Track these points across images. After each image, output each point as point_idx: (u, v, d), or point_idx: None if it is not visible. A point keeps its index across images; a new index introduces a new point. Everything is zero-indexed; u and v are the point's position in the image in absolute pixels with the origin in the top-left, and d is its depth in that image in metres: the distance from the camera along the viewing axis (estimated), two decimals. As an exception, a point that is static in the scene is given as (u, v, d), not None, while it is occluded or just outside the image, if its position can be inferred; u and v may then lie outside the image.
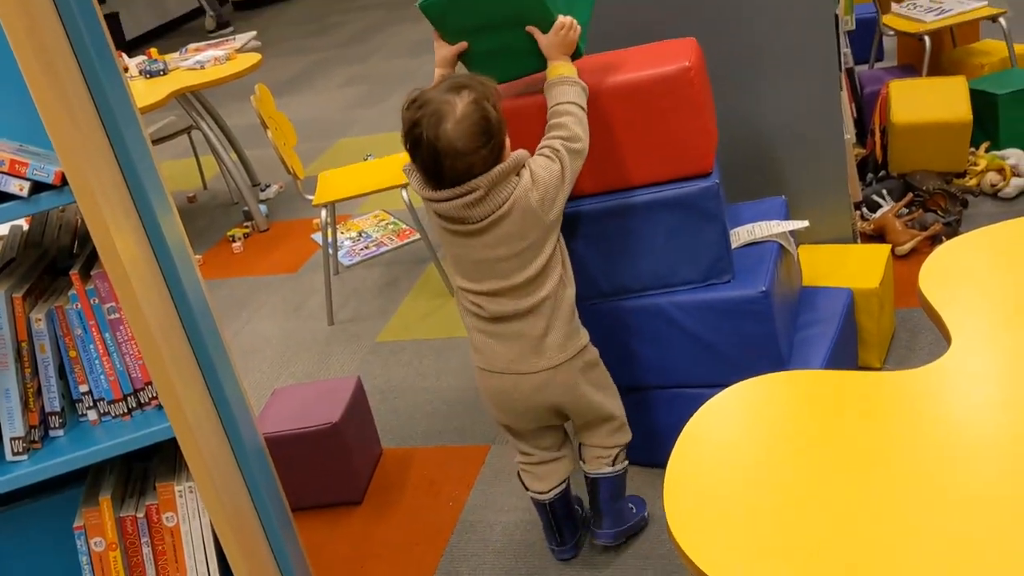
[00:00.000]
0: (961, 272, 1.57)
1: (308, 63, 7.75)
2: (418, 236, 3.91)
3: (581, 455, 2.12)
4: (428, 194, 1.82)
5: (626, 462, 2.12)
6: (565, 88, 1.89)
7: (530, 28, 1.92)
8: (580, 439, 2.11)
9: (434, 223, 1.90)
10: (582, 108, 1.89)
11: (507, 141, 1.82)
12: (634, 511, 2.21)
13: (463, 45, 1.99)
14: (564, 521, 2.15)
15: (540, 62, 1.98)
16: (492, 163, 1.77)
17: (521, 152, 1.82)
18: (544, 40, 1.91)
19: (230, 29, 9.47)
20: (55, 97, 1.37)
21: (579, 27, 1.94)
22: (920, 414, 1.29)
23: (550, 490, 2.11)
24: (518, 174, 1.81)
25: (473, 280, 1.90)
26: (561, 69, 1.91)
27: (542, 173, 1.82)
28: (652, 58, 2.06)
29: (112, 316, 1.51)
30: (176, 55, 4.80)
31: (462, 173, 1.76)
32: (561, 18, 1.90)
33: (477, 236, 1.83)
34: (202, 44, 5.01)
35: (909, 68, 4.01)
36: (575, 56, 1.98)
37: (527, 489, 2.15)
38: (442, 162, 1.75)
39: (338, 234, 4.16)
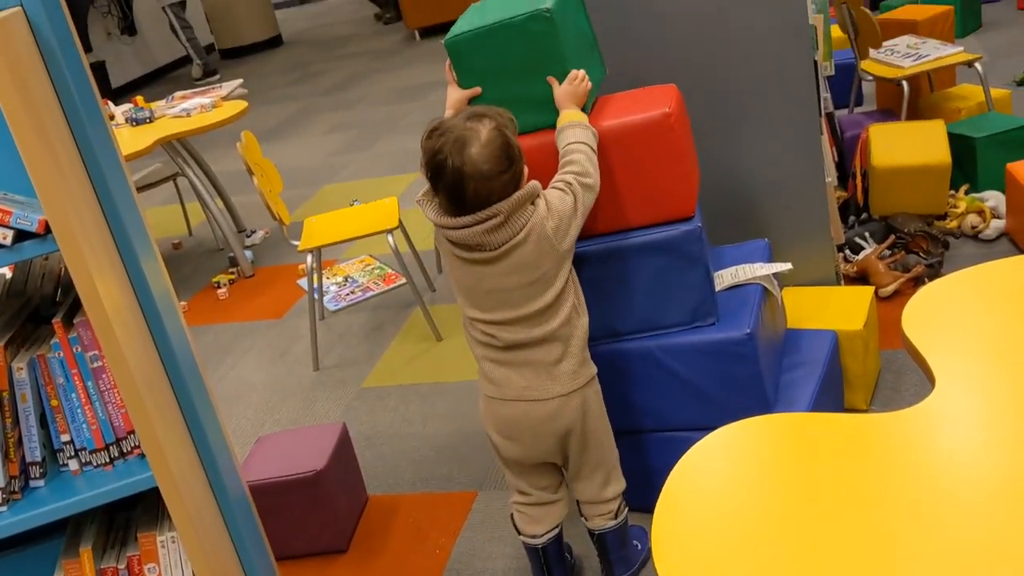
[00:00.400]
0: (943, 314, 1.58)
1: (294, 110, 7.80)
2: (404, 281, 3.92)
3: (582, 512, 2.12)
4: (447, 222, 1.84)
5: (627, 510, 2.12)
6: (576, 130, 1.96)
7: (550, 79, 2.00)
8: (578, 494, 2.10)
9: (448, 253, 1.92)
10: (592, 149, 1.95)
11: (525, 170, 1.86)
12: (639, 548, 2.22)
13: (476, 91, 2.06)
14: (556, 567, 2.14)
15: (553, 116, 2.04)
16: (512, 189, 1.81)
17: (535, 183, 1.87)
18: (559, 90, 2.00)
19: (216, 77, 9.53)
20: (40, 145, 1.37)
21: (590, 82, 2.02)
22: (906, 457, 1.29)
23: (544, 534, 2.10)
24: (533, 203, 1.85)
25: (485, 310, 1.91)
26: (573, 115, 1.98)
27: (557, 203, 1.87)
28: (633, 104, 2.08)
29: (95, 364, 1.51)
30: (162, 103, 4.82)
31: (484, 198, 1.79)
32: (575, 71, 1.99)
33: (493, 264, 1.85)
34: (188, 92, 5.04)
35: (888, 112, 4.07)
36: (599, 81, 2.12)
37: (520, 533, 2.13)
38: (467, 185, 1.78)
39: (324, 279, 4.16)
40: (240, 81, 5.10)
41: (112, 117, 4.66)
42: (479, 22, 2.03)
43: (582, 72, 2.00)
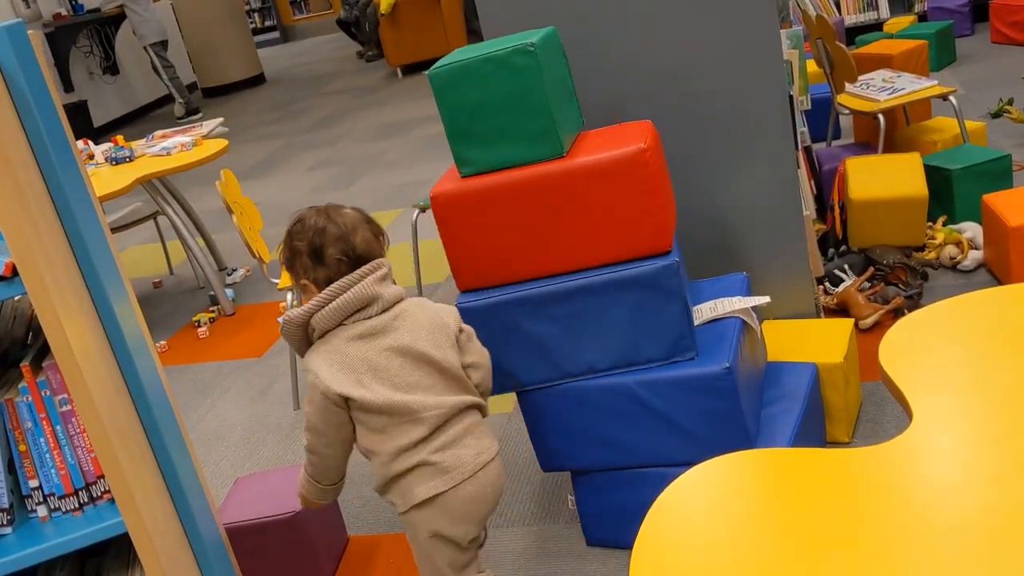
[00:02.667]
0: (920, 346, 1.58)
1: (276, 147, 7.82)
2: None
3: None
4: (349, 296, 1.80)
5: None
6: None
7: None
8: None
9: (347, 352, 1.81)
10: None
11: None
12: None
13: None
14: None
15: (534, 151, 2.06)
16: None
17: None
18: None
19: (199, 115, 9.56)
20: (7, 187, 1.36)
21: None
22: (885, 492, 1.28)
23: None
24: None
25: (410, 391, 1.81)
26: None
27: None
28: (609, 141, 2.09)
29: (64, 408, 1.48)
30: (142, 142, 4.82)
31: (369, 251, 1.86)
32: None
33: (394, 333, 1.82)
34: (168, 131, 5.04)
35: (865, 145, 4.11)
36: (578, 128, 2.19)
37: None
38: (357, 233, 1.87)
39: (305, 317, 4.13)
40: (221, 120, 5.11)
41: (92, 156, 4.65)
42: (463, 57, 2.05)
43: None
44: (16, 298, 1.75)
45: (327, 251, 1.82)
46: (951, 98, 3.84)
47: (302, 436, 1.94)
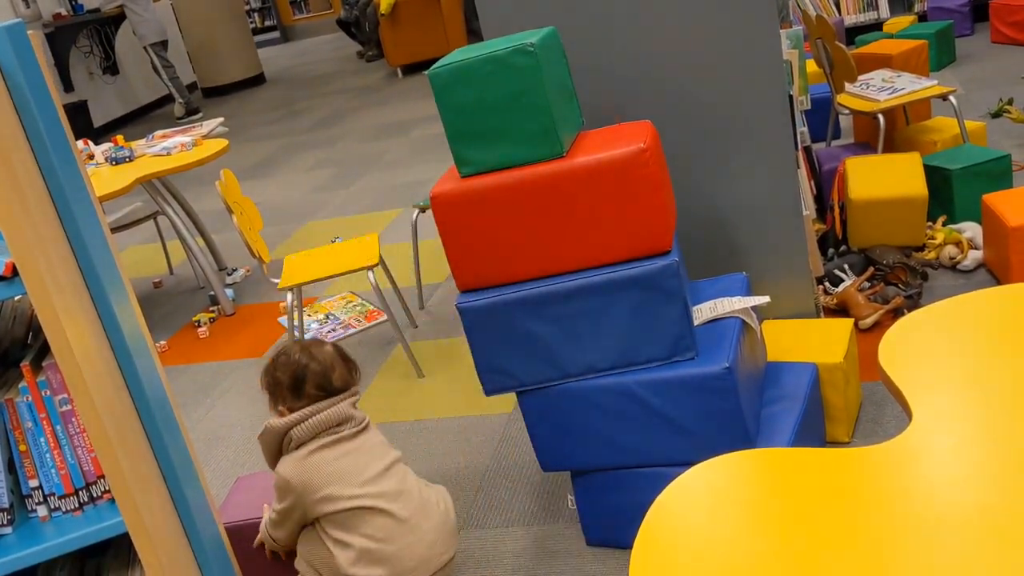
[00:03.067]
0: (920, 346, 1.58)
1: (276, 147, 7.82)
2: (385, 318, 3.90)
3: None
4: (325, 415, 2.07)
5: None
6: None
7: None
8: None
9: (322, 460, 2.04)
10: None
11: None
12: None
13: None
14: None
15: (534, 151, 2.06)
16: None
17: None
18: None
19: (199, 115, 9.56)
20: (7, 187, 1.36)
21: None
22: (884, 491, 1.28)
23: None
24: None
25: (373, 484, 2.04)
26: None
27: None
28: (609, 141, 2.09)
29: (64, 408, 1.48)
30: (142, 142, 4.82)
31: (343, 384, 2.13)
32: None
33: (359, 436, 2.08)
34: (169, 131, 5.04)
35: (865, 145, 4.11)
36: (577, 127, 2.21)
37: None
38: (334, 371, 2.12)
39: (305, 316, 4.14)
40: (221, 119, 5.11)
41: (92, 156, 4.65)
42: (463, 57, 2.05)
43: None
44: (16, 298, 1.75)
45: (306, 386, 2.07)
46: (951, 98, 3.84)
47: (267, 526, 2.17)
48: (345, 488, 2.00)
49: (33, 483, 1.52)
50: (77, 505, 1.53)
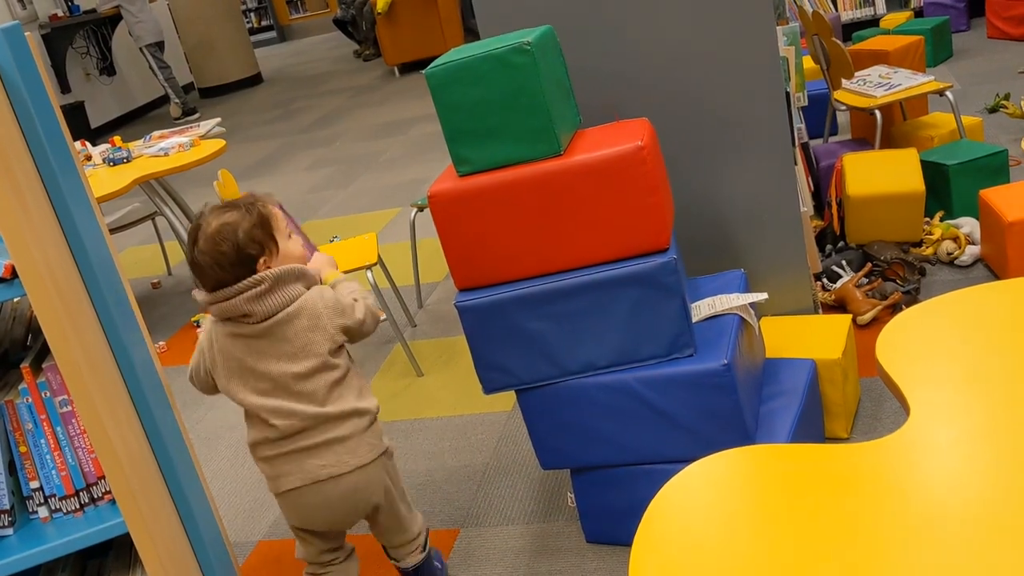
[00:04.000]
0: (917, 342, 1.58)
1: (274, 147, 7.81)
2: (384, 317, 3.89)
3: (391, 555, 2.18)
4: (213, 296, 1.85)
5: (427, 531, 2.21)
6: (345, 286, 2.02)
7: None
8: (386, 543, 2.16)
9: (218, 338, 1.90)
10: (363, 298, 2.02)
11: (263, 260, 1.87)
12: (440, 567, 2.30)
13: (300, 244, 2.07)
14: None
15: (532, 150, 2.07)
16: (240, 277, 1.83)
17: (303, 268, 1.91)
18: (313, 261, 2.06)
19: (196, 115, 9.55)
20: (6, 189, 1.36)
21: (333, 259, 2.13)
22: (882, 487, 1.28)
23: None
24: (306, 287, 1.89)
25: (262, 394, 1.89)
26: (329, 277, 2.04)
27: (330, 295, 1.93)
28: (607, 138, 2.10)
29: (64, 409, 1.49)
30: (140, 142, 4.82)
31: (212, 286, 1.84)
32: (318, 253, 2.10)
33: (261, 339, 1.86)
34: (166, 131, 5.03)
35: (862, 141, 4.11)
36: (575, 126, 2.20)
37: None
38: (196, 272, 1.86)
39: (303, 317, 4.13)
40: (218, 120, 5.10)
41: (90, 158, 4.65)
42: (460, 56, 2.05)
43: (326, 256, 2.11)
44: (16, 300, 1.75)
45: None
46: (947, 94, 3.85)
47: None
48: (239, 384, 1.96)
49: (34, 484, 1.52)
50: (78, 506, 1.54)
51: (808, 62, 4.31)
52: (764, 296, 2.35)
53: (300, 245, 1.99)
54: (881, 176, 3.38)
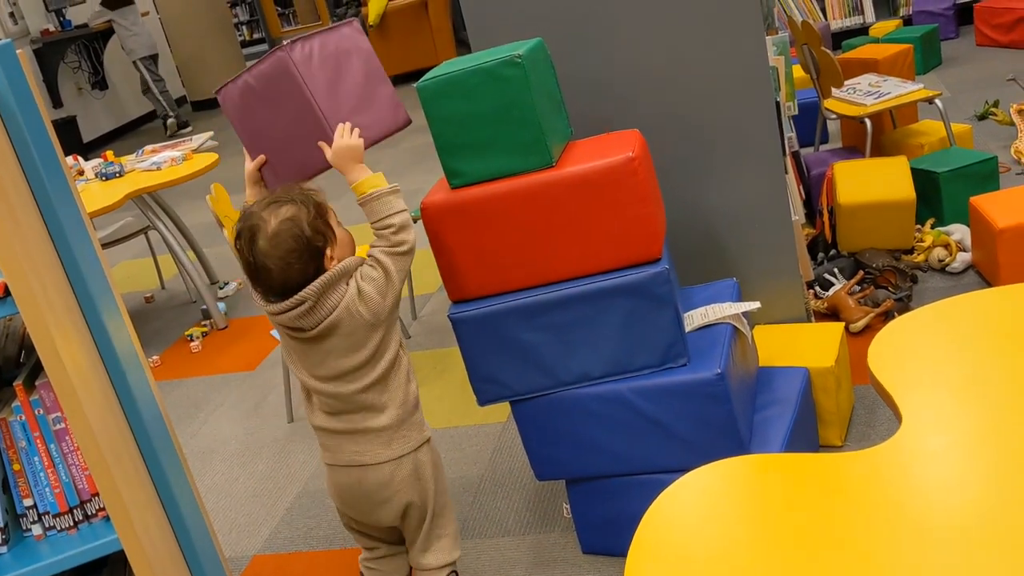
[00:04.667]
0: (909, 349, 1.59)
1: (267, 160, 7.80)
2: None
3: None
4: (270, 308, 1.87)
5: None
6: (376, 206, 1.93)
7: (321, 143, 1.97)
8: (413, 559, 2.11)
9: (282, 335, 1.96)
10: (401, 212, 1.93)
11: (329, 251, 1.87)
12: None
13: (261, 159, 2.07)
14: None
15: (524, 162, 2.07)
16: (313, 272, 1.83)
17: (347, 261, 1.89)
18: (334, 152, 1.94)
19: (188, 129, 9.55)
20: (-2, 208, 1.36)
21: (358, 132, 1.96)
22: (875, 495, 1.29)
23: None
24: (347, 283, 1.87)
25: (320, 379, 1.93)
26: (364, 185, 1.93)
27: (367, 287, 1.88)
28: (597, 150, 2.10)
29: (57, 427, 1.48)
30: (132, 157, 4.81)
31: (285, 285, 1.82)
32: (341, 125, 1.96)
33: (317, 342, 1.88)
34: (158, 145, 5.03)
35: (853, 149, 4.13)
36: (566, 137, 2.18)
37: None
38: (262, 276, 1.83)
39: (297, 330, 4.13)
40: (211, 133, 5.11)
41: (82, 172, 4.65)
42: (451, 69, 2.06)
43: (348, 124, 1.97)
44: (8, 317, 1.75)
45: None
46: (937, 101, 3.87)
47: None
48: (301, 368, 1.97)
49: (28, 502, 1.52)
50: (72, 523, 1.53)
51: (798, 71, 4.33)
52: (756, 305, 2.35)
53: (345, 230, 1.97)
54: (872, 184, 3.39)
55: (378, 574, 2.14)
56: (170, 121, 9.63)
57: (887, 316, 3.07)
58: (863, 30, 6.51)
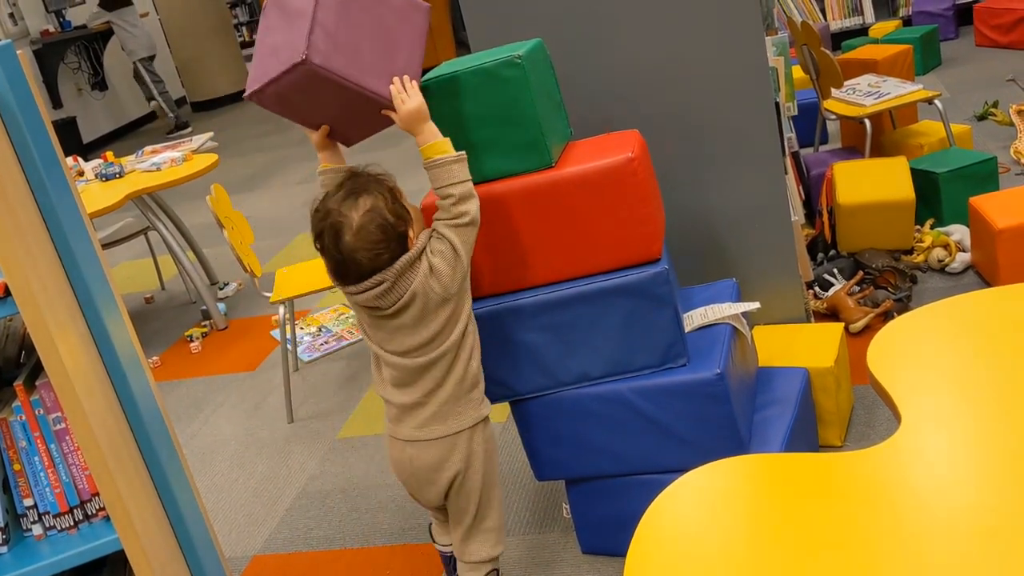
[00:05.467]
0: (908, 350, 1.59)
1: (267, 161, 7.82)
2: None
3: (456, 568, 2.13)
4: (345, 290, 1.92)
5: None
6: (439, 172, 1.93)
7: (386, 112, 1.97)
8: (456, 547, 2.11)
9: (356, 310, 1.99)
10: (463, 181, 1.93)
11: (411, 231, 1.89)
12: None
13: (325, 128, 2.05)
14: None
15: (523, 162, 2.07)
16: (399, 253, 1.86)
17: (422, 238, 1.91)
18: (403, 112, 1.93)
19: (188, 129, 9.55)
20: (-1, 208, 1.37)
21: (416, 84, 1.96)
22: (874, 495, 1.29)
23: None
24: (420, 260, 1.89)
25: (390, 350, 1.96)
26: (432, 150, 1.93)
27: (437, 262, 1.89)
28: (597, 150, 2.11)
29: (58, 427, 1.49)
30: (132, 157, 4.82)
31: (368, 273, 1.85)
32: (395, 86, 1.94)
33: (394, 317, 1.91)
34: (158, 146, 5.04)
35: (852, 150, 4.13)
36: (566, 138, 2.18)
37: (434, 540, 2.24)
38: (349, 270, 1.86)
39: (298, 329, 4.14)
40: (211, 134, 5.11)
41: (82, 173, 4.65)
42: (451, 70, 2.06)
43: (401, 80, 1.94)
44: (9, 318, 1.75)
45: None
46: (936, 102, 3.87)
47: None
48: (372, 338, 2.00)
49: (28, 502, 1.52)
50: (72, 523, 1.54)
51: (798, 71, 4.33)
52: (756, 305, 2.35)
53: (413, 206, 1.98)
54: (871, 184, 3.39)
55: (443, 528, 2.20)
56: (168, 117, 9.63)
57: (887, 316, 3.08)
58: (863, 30, 6.52)
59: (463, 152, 1.94)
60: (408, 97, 1.93)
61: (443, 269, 1.89)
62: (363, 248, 1.82)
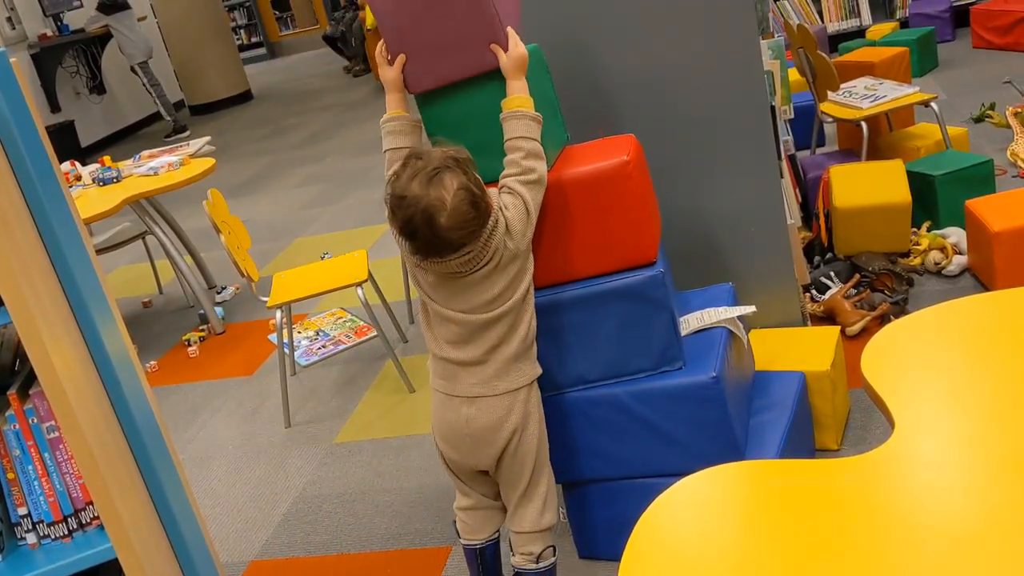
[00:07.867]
0: (903, 355, 1.59)
1: (265, 164, 7.82)
2: (375, 333, 3.90)
3: (511, 543, 2.14)
4: (425, 264, 1.93)
5: (552, 559, 2.11)
6: (515, 124, 1.97)
7: (494, 47, 1.98)
8: (510, 519, 2.12)
9: (415, 266, 1.98)
10: (533, 139, 1.97)
11: (491, 200, 1.90)
12: None
13: (402, 59, 2.04)
14: (492, 572, 2.19)
15: None
16: (485, 224, 1.88)
17: (494, 196, 1.93)
18: (505, 59, 1.98)
19: (186, 133, 9.55)
20: (-9, 216, 1.36)
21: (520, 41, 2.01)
22: (868, 501, 1.29)
23: (486, 539, 2.17)
24: (496, 222, 1.90)
25: (450, 306, 1.96)
26: (515, 102, 1.98)
27: (512, 215, 1.93)
28: (593, 154, 2.11)
29: (51, 435, 1.48)
30: (129, 162, 4.82)
31: (460, 246, 1.87)
32: (511, 29, 1.98)
33: (464, 276, 1.93)
34: (156, 150, 5.04)
35: (849, 153, 4.13)
36: (562, 143, 2.19)
37: (460, 536, 2.20)
38: (445, 250, 1.87)
39: (295, 333, 4.14)
40: (208, 138, 5.11)
41: (79, 178, 4.65)
42: None
43: (511, 32, 1.99)
44: (2, 326, 1.75)
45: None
46: (933, 104, 3.87)
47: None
48: (431, 296, 2.00)
49: (22, 511, 1.52)
50: (66, 532, 1.53)
51: (794, 74, 4.34)
52: (752, 309, 2.35)
53: None
54: (868, 187, 3.39)
55: (466, 526, 2.18)
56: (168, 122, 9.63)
57: (883, 319, 3.07)
58: (860, 32, 6.51)
59: (540, 115, 1.98)
60: (519, 43, 1.99)
61: (516, 223, 1.92)
62: (458, 227, 1.83)
